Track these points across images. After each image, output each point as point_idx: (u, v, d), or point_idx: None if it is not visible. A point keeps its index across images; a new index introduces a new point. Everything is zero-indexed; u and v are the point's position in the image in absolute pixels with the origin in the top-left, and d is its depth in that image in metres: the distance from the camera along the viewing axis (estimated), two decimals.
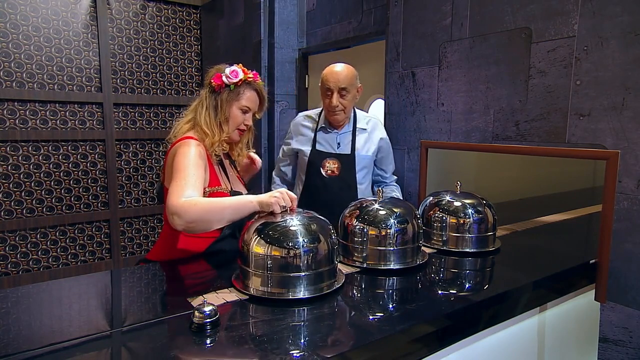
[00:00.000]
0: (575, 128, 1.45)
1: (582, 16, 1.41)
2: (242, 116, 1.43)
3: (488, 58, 1.70)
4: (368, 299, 1.09)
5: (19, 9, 3.08)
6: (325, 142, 1.89)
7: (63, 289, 1.18)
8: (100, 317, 1.00)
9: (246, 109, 1.43)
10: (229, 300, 1.00)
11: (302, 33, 3.04)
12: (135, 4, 3.54)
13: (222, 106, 1.40)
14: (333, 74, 1.78)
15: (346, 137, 1.89)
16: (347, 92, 1.77)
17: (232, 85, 1.40)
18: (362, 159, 1.88)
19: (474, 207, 1.39)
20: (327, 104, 1.81)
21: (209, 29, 3.72)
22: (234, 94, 1.40)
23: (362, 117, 1.96)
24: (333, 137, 1.89)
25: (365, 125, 1.93)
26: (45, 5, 3.16)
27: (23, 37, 3.11)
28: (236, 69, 1.40)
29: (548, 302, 1.29)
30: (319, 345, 0.82)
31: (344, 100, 1.79)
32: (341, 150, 1.87)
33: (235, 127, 1.43)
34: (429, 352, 0.97)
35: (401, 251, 1.22)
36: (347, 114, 1.85)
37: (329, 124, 1.89)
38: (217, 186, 1.37)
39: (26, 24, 3.11)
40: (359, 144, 1.89)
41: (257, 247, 1.01)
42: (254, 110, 1.46)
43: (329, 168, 1.84)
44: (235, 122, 1.42)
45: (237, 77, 1.39)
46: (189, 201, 1.15)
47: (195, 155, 1.29)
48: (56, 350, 0.81)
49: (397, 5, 2.06)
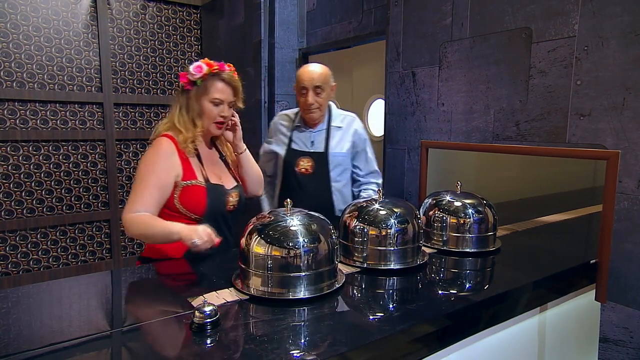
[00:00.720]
0: (575, 128, 1.45)
1: (583, 16, 1.41)
2: (216, 109, 1.42)
3: (488, 58, 1.70)
4: (368, 299, 1.09)
5: (20, 9, 3.08)
6: (300, 141, 1.92)
7: (63, 289, 1.18)
8: (101, 317, 1.00)
9: (218, 101, 1.42)
10: (229, 300, 1.00)
11: (303, 33, 3.04)
12: (135, 4, 3.54)
13: (192, 103, 1.41)
14: (308, 73, 1.81)
15: (320, 135, 1.91)
16: (321, 90, 1.80)
17: (198, 81, 1.39)
18: (335, 157, 1.89)
19: (475, 207, 1.39)
20: (303, 103, 1.83)
21: (209, 29, 3.72)
22: (202, 89, 1.40)
23: (338, 115, 1.97)
24: (307, 135, 1.91)
25: (341, 122, 1.94)
26: (46, 5, 3.16)
27: (23, 37, 3.11)
28: (200, 64, 1.39)
29: (548, 302, 1.29)
30: (319, 345, 0.82)
31: (319, 98, 1.82)
32: (314, 149, 1.89)
33: (211, 121, 1.43)
34: (429, 352, 0.97)
35: (401, 251, 1.22)
36: (322, 111, 1.87)
37: (305, 123, 1.92)
38: (192, 179, 1.38)
39: (26, 24, 3.12)
40: (333, 142, 1.90)
41: (257, 247, 1.01)
42: (227, 100, 1.44)
43: (302, 166, 1.87)
44: (210, 116, 1.42)
45: (200, 71, 1.38)
46: (132, 218, 1.28)
47: (155, 159, 1.34)
48: (56, 350, 0.81)
49: (398, 5, 2.06)
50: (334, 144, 1.90)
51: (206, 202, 1.38)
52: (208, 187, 1.40)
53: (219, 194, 1.44)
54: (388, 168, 2.21)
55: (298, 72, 1.86)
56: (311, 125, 1.91)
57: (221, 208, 1.44)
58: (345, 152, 1.91)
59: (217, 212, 1.42)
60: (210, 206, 1.39)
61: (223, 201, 1.44)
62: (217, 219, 1.42)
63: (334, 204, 1.91)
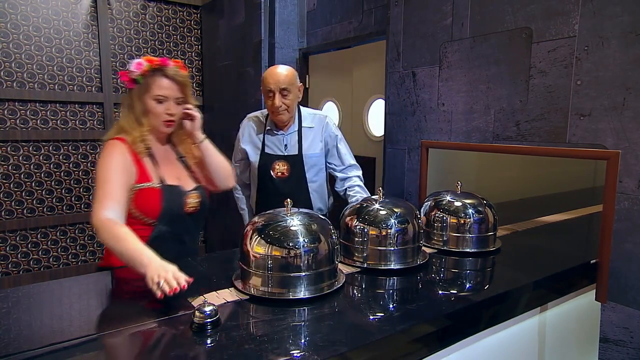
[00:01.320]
0: (575, 128, 1.45)
1: (583, 16, 1.40)
2: (161, 106, 1.34)
3: (488, 58, 1.70)
4: (368, 299, 1.09)
5: (20, 9, 3.08)
6: (273, 145, 1.88)
7: (63, 289, 1.18)
8: (101, 317, 1.00)
9: (161, 98, 1.33)
10: (229, 300, 1.00)
11: (303, 33, 3.04)
12: (135, 4, 3.54)
13: (135, 102, 1.35)
14: (273, 76, 1.78)
15: (292, 137, 1.88)
16: (288, 92, 1.78)
17: (139, 78, 1.32)
18: (310, 158, 1.88)
19: (475, 207, 1.39)
20: (270, 106, 1.80)
21: (210, 29, 3.72)
22: (144, 87, 1.33)
23: (308, 114, 1.94)
24: (280, 138, 1.88)
25: (311, 122, 1.92)
26: (46, 5, 3.16)
27: (24, 37, 3.11)
28: (140, 61, 1.33)
29: (549, 302, 1.29)
30: (320, 345, 0.82)
31: (287, 100, 1.78)
32: (289, 152, 1.87)
33: (159, 119, 1.35)
34: (430, 352, 0.97)
35: (402, 251, 1.22)
36: (290, 113, 1.84)
37: (275, 126, 1.88)
38: (146, 182, 1.31)
39: (27, 24, 3.11)
40: (306, 143, 1.88)
41: (257, 247, 1.01)
42: (172, 97, 1.35)
43: (278, 170, 1.85)
44: (155, 114, 1.35)
45: (140, 68, 1.32)
46: (105, 225, 1.17)
47: (111, 159, 1.28)
48: (56, 350, 0.81)
49: (398, 5, 2.06)
50: (307, 145, 1.88)
51: (161, 205, 1.30)
52: (163, 188, 1.33)
53: (176, 195, 1.36)
54: (388, 168, 2.21)
55: (263, 75, 1.82)
56: (282, 127, 1.88)
57: (179, 210, 1.35)
58: (319, 152, 1.90)
59: (174, 214, 1.34)
60: (166, 209, 1.31)
61: (180, 203, 1.36)
62: (175, 222, 1.35)
63: (312, 205, 1.91)
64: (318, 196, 1.94)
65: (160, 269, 1.00)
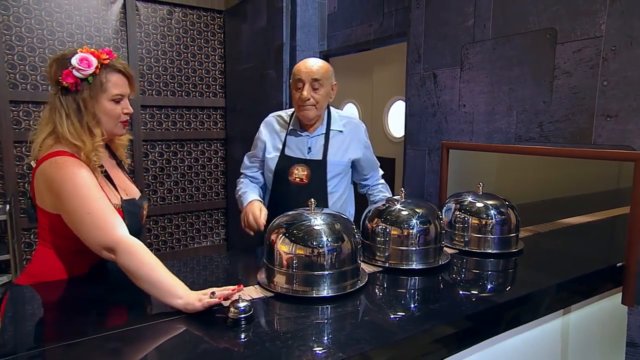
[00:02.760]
0: (602, 129, 1.41)
1: (610, 16, 1.36)
2: (118, 106, 1.17)
3: (511, 59, 1.67)
4: (390, 299, 1.09)
5: (55, 16, 3.19)
6: (295, 147, 1.63)
7: (99, 281, 1.22)
8: (137, 309, 1.03)
9: (119, 97, 1.16)
10: (255, 297, 1.02)
11: (323, 36, 3.05)
12: (162, 9, 3.61)
13: (87, 106, 1.12)
14: (306, 66, 1.55)
15: (318, 140, 1.63)
16: (320, 85, 1.54)
17: (89, 78, 1.10)
18: (335, 166, 1.62)
19: (497, 208, 1.37)
20: (298, 98, 1.55)
21: (233, 33, 3.77)
22: (97, 87, 1.12)
23: (338, 117, 1.69)
24: (304, 140, 1.63)
25: (342, 127, 1.67)
26: (79, 12, 3.27)
27: (58, 42, 3.23)
28: (85, 56, 1.10)
29: (572, 305, 1.25)
30: (344, 343, 0.82)
31: (317, 95, 1.54)
32: (312, 156, 1.62)
33: (116, 121, 1.18)
34: (449, 353, 0.96)
35: (423, 251, 1.21)
36: (319, 111, 1.58)
37: (300, 126, 1.64)
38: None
39: (61, 30, 3.23)
40: (333, 148, 1.63)
41: (282, 245, 1.02)
42: (127, 94, 1.19)
43: (297, 175, 1.60)
44: (113, 116, 1.16)
45: (90, 66, 1.10)
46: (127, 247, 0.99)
47: (85, 176, 1.07)
48: (100, 338, 0.84)
49: (419, 8, 2.04)
50: (333, 150, 1.62)
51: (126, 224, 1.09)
52: (124, 206, 1.17)
53: (135, 208, 1.21)
54: (408, 169, 2.19)
55: (295, 66, 1.59)
56: (307, 128, 1.63)
57: (138, 226, 1.20)
58: (346, 161, 1.66)
59: (136, 229, 1.16)
60: (129, 226, 1.09)
61: (139, 216, 1.22)
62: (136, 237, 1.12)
63: None
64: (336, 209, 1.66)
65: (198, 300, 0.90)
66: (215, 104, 3.96)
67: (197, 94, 3.87)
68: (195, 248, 4.04)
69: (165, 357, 0.82)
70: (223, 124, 4.03)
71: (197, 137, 3.91)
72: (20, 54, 3.11)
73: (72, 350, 0.80)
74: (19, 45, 3.10)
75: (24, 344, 0.85)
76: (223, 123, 4.03)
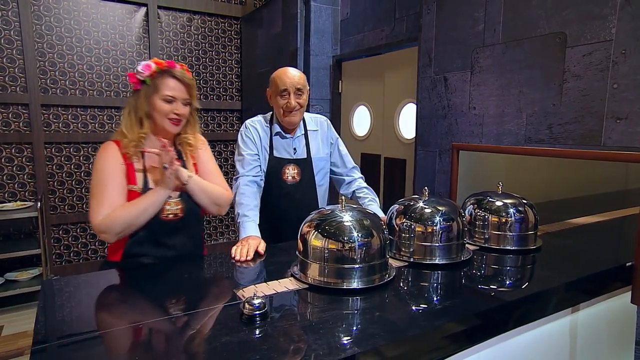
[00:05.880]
0: (611, 131, 1.39)
1: (621, 20, 1.34)
2: (168, 105, 1.30)
3: (521, 63, 1.65)
4: (414, 292, 1.09)
5: (83, 25, 3.26)
6: (282, 148, 1.74)
7: (111, 279, 1.24)
8: (168, 302, 1.06)
9: (170, 98, 1.30)
10: (290, 288, 1.04)
11: (336, 41, 3.05)
12: (182, 17, 3.66)
13: (141, 102, 1.30)
14: (289, 76, 1.65)
15: (300, 141, 1.76)
16: (302, 92, 1.66)
17: (147, 80, 1.29)
18: (319, 162, 1.77)
19: (516, 206, 1.37)
20: (285, 105, 1.65)
21: (249, 38, 3.80)
22: (152, 87, 1.29)
23: (309, 118, 1.82)
24: (289, 142, 1.74)
25: (315, 126, 1.80)
26: (105, 20, 3.34)
27: (85, 49, 3.30)
28: (148, 63, 1.30)
29: (580, 303, 1.24)
30: (373, 334, 0.83)
31: (301, 100, 1.66)
32: (298, 156, 1.74)
33: (164, 116, 1.30)
34: (460, 349, 0.96)
35: (446, 247, 1.22)
36: (302, 115, 1.72)
37: (284, 129, 1.73)
38: (131, 184, 1.28)
39: (88, 37, 3.30)
40: (313, 146, 1.77)
41: (315, 240, 1.04)
42: (180, 98, 1.31)
43: (289, 174, 1.72)
44: (162, 112, 1.30)
45: (149, 70, 1.29)
46: (110, 217, 1.20)
47: (104, 162, 1.26)
48: (125, 329, 0.86)
49: (430, 13, 2.03)
50: (314, 148, 1.77)
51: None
52: (143, 192, 1.27)
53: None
54: (419, 170, 2.18)
55: (277, 76, 1.67)
56: (290, 131, 1.74)
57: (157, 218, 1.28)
58: (325, 156, 1.80)
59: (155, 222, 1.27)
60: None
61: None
62: (151, 227, 1.28)
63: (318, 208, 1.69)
64: (323, 201, 1.85)
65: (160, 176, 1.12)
66: (232, 106, 4.00)
67: (214, 97, 3.91)
68: (212, 245, 4.09)
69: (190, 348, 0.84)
70: (239, 126, 4.07)
71: (215, 139, 3.96)
72: (50, 61, 3.19)
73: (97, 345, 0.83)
74: (50, 52, 3.18)
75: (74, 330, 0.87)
76: (239, 125, 4.07)
